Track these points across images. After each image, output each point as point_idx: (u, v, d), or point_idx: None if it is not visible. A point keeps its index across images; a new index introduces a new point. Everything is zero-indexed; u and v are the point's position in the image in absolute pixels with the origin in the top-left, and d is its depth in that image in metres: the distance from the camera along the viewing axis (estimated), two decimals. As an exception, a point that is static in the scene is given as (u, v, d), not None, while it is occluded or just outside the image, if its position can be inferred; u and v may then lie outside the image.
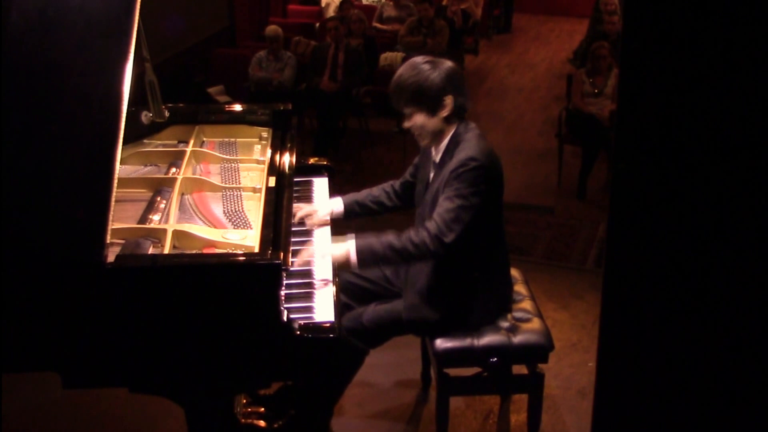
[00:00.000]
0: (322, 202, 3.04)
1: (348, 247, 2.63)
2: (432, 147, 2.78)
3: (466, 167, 2.59)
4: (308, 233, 2.89)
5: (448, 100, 2.67)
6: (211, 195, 2.77)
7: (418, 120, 2.70)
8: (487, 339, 2.78)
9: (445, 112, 2.68)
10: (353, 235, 2.67)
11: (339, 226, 3.01)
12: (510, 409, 3.32)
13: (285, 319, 2.24)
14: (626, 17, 1.65)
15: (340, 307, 2.55)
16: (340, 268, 2.70)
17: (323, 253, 2.66)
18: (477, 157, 2.60)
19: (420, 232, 2.60)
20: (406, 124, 2.74)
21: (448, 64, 2.72)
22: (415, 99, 2.67)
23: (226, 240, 2.46)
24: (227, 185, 2.82)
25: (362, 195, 3.07)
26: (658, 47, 1.59)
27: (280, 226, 2.53)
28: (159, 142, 3.14)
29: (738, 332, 1.73)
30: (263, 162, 2.95)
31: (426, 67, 2.68)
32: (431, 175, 2.79)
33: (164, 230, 2.43)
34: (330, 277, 2.59)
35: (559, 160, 6.00)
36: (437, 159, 2.75)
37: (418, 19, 7.89)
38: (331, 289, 2.55)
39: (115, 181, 2.18)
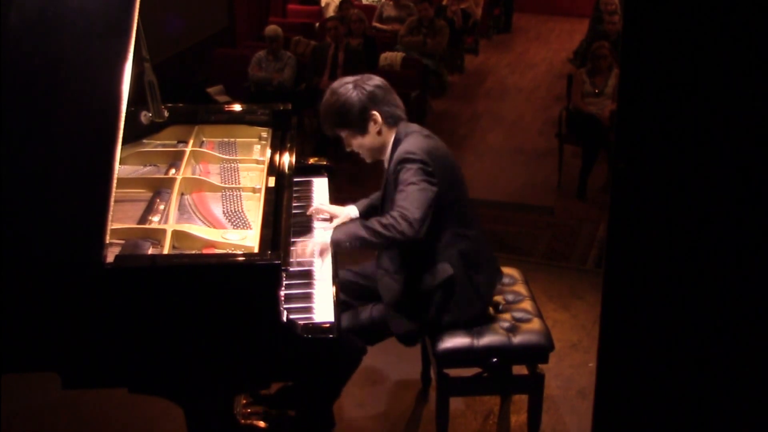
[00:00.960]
0: (340, 209, 3.03)
1: (330, 233, 2.68)
2: (383, 159, 2.80)
3: (403, 163, 2.61)
4: (308, 233, 2.89)
5: (375, 114, 2.69)
6: (210, 195, 2.77)
7: (355, 142, 2.75)
8: (487, 339, 2.78)
9: (375, 128, 2.71)
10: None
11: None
12: (510, 409, 3.32)
13: (285, 319, 2.24)
14: (626, 17, 1.65)
15: (340, 306, 2.55)
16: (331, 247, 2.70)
17: (317, 244, 2.68)
18: (412, 151, 2.62)
19: (388, 216, 2.58)
20: (348, 149, 2.80)
21: (373, 81, 2.74)
22: (342, 122, 2.71)
23: (226, 240, 2.46)
24: (227, 185, 2.81)
25: (375, 196, 3.05)
26: (659, 47, 1.59)
27: (280, 227, 2.53)
28: (158, 142, 3.14)
29: (738, 332, 1.73)
30: (263, 162, 2.95)
31: (343, 90, 2.71)
32: (388, 180, 2.78)
33: (163, 230, 2.43)
34: (329, 274, 2.60)
35: (560, 160, 6.00)
36: (387, 167, 2.76)
37: (418, 19, 7.89)
38: (330, 286, 2.55)
39: (115, 181, 2.17)
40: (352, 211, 3.01)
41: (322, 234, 2.74)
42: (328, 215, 2.97)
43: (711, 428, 1.83)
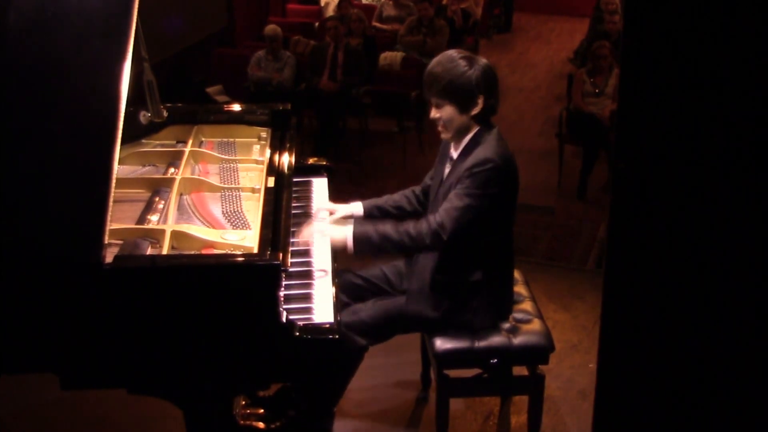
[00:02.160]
0: (342, 206, 3.03)
1: (346, 233, 2.68)
2: (452, 143, 2.80)
3: (481, 167, 2.63)
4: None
5: (480, 100, 2.69)
6: (209, 195, 2.76)
7: (447, 113, 2.71)
8: (488, 340, 2.77)
9: (475, 110, 2.70)
10: (352, 220, 2.76)
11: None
12: (510, 410, 3.31)
13: (284, 320, 2.23)
14: (627, 17, 1.64)
15: (340, 307, 2.54)
16: (337, 251, 2.75)
17: (323, 231, 2.75)
18: (494, 159, 2.64)
19: (420, 224, 2.65)
20: (434, 114, 2.75)
21: (484, 62, 2.74)
22: (447, 93, 2.68)
23: (225, 241, 2.45)
24: (226, 185, 2.80)
25: (382, 200, 3.06)
26: (659, 47, 1.59)
27: (279, 227, 2.52)
28: (157, 142, 3.12)
29: (739, 333, 1.73)
30: (262, 162, 2.94)
31: (463, 63, 2.68)
32: (447, 170, 2.82)
33: (162, 231, 2.42)
34: (329, 267, 2.65)
35: (560, 160, 5.99)
36: (455, 155, 2.78)
37: (418, 19, 7.87)
38: (330, 287, 2.55)
39: (114, 181, 2.17)
40: (356, 207, 3.00)
41: (338, 230, 2.73)
42: (329, 214, 2.97)
43: (711, 429, 1.82)
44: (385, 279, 2.98)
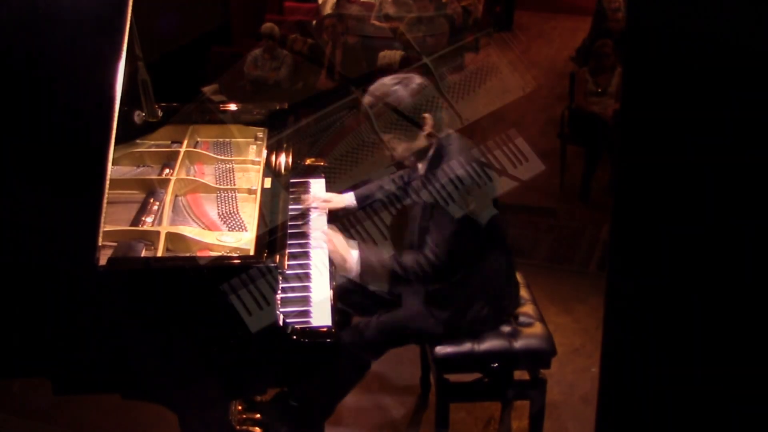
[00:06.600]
0: (335, 195, 3.07)
1: (353, 259, 2.64)
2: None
3: (452, 186, 2.55)
4: (305, 236, 2.85)
5: (428, 118, 2.61)
6: (205, 196, 2.73)
7: (403, 146, 2.67)
8: (488, 344, 2.75)
9: (427, 129, 2.63)
10: (356, 243, 2.68)
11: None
12: (511, 415, 3.28)
13: (281, 323, 2.20)
14: (630, 15, 1.62)
15: (337, 314, 2.51)
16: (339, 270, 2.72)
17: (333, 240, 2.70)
18: (462, 177, 2.56)
19: (419, 258, 2.59)
20: (391, 153, 2.71)
21: (418, 80, 2.65)
22: (393, 124, 2.63)
23: (221, 242, 2.43)
24: (222, 186, 2.78)
25: (374, 189, 3.07)
26: (663, 45, 1.56)
27: (276, 229, 2.49)
28: (152, 142, 3.10)
29: (743, 336, 1.70)
30: (259, 163, 2.91)
31: (397, 87, 2.61)
32: (420, 188, 2.73)
33: (157, 232, 2.40)
34: (326, 270, 2.64)
35: (562, 160, 5.95)
36: (423, 172, 2.71)
37: (418, 17, 7.85)
38: (328, 290, 2.53)
39: (107, 182, 2.14)
40: (349, 198, 3.03)
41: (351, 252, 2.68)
42: (323, 203, 3.01)
43: (716, 434, 1.80)
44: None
